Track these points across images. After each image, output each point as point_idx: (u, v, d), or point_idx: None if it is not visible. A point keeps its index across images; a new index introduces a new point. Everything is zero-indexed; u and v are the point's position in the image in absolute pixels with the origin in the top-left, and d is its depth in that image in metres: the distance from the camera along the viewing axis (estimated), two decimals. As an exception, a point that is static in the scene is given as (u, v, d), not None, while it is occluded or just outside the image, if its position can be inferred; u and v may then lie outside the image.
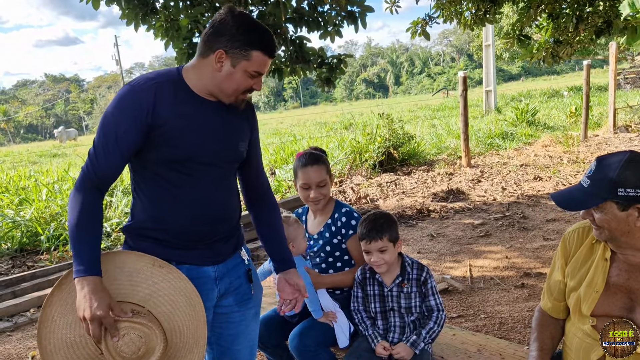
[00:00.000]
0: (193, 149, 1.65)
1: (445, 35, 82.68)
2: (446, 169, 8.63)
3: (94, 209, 1.60)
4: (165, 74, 1.68)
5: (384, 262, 2.21)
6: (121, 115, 1.59)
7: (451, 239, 5.20)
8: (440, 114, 18.96)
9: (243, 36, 1.59)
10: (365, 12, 5.02)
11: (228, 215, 1.80)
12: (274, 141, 12.96)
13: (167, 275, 1.64)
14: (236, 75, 1.63)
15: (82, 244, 1.56)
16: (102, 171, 1.60)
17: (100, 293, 1.51)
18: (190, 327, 1.63)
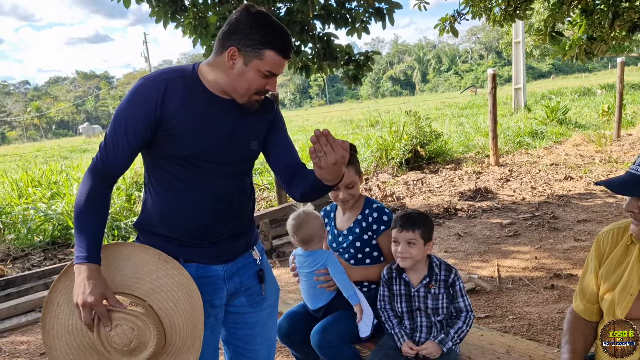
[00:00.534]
0: (199, 147, 1.63)
1: (473, 32, 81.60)
2: (474, 168, 8.52)
3: (99, 200, 1.61)
4: (180, 70, 1.67)
5: (410, 256, 2.18)
6: (131, 108, 1.59)
7: (478, 238, 5.13)
8: (468, 111, 18.73)
9: (257, 35, 1.56)
10: (393, 9, 4.99)
11: (236, 214, 1.77)
12: (299, 138, 12.99)
13: (171, 271, 1.63)
14: (248, 74, 1.60)
15: (83, 231, 1.57)
16: (110, 163, 1.61)
17: (95, 280, 1.51)
18: (189, 326, 1.61)
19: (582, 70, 54.73)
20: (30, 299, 4.15)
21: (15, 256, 5.61)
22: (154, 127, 1.60)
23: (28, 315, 3.99)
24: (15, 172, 11.20)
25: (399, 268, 2.27)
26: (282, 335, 2.47)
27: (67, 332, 1.60)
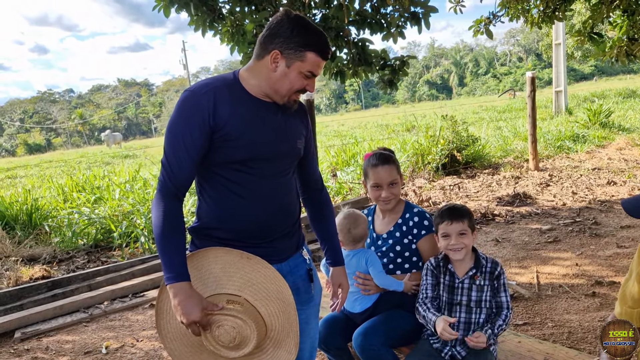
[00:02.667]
0: (252, 149, 1.70)
1: (512, 34, 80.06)
2: (512, 172, 8.36)
3: (175, 218, 1.67)
4: (222, 79, 1.74)
5: (464, 246, 2.21)
6: (186, 122, 1.65)
7: (517, 244, 5.04)
8: (507, 115, 18.38)
9: (298, 37, 1.64)
10: (429, 13, 4.98)
11: (289, 211, 1.84)
12: (335, 143, 13.01)
13: (256, 266, 1.72)
14: (290, 75, 1.68)
15: (168, 252, 1.64)
16: (177, 179, 1.67)
17: (191, 299, 1.62)
18: (284, 312, 1.72)
19: (627, 71, 52.96)
20: (75, 299, 4.30)
21: (60, 258, 5.81)
22: (209, 135, 1.66)
23: (73, 316, 4.14)
24: (61, 178, 11.61)
25: (445, 258, 2.30)
26: (319, 341, 2.48)
27: (180, 334, 1.77)
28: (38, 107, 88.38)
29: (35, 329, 3.90)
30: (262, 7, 5.21)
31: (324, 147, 11.96)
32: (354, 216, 2.45)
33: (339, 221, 2.42)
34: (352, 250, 2.45)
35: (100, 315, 4.15)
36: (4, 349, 3.67)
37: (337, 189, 7.77)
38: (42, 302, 4.33)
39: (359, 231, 2.43)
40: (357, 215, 2.46)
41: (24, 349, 3.66)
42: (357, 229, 2.42)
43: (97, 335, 3.81)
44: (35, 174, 16.51)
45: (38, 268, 5.32)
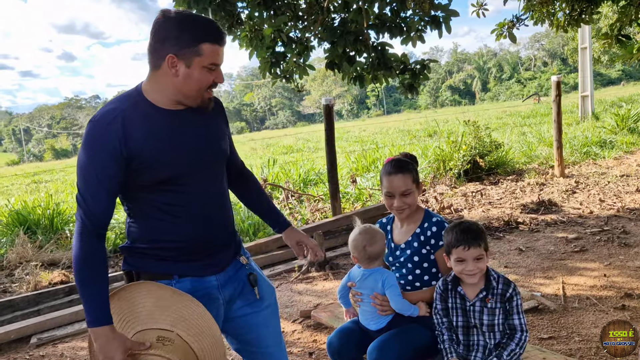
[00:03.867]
0: (177, 164, 1.65)
1: (536, 38, 78.96)
2: (537, 179, 8.16)
3: (95, 258, 1.60)
4: (126, 99, 1.65)
5: (479, 270, 2.09)
6: (95, 156, 1.57)
7: (542, 253, 4.88)
8: (531, 120, 18.06)
9: (187, 34, 1.57)
10: (450, 17, 4.86)
11: (226, 223, 1.83)
12: (355, 149, 12.92)
13: (187, 303, 1.67)
14: (194, 74, 1.60)
15: (88, 294, 1.58)
16: (96, 217, 1.59)
17: (112, 342, 1.56)
18: (216, 350, 1.69)
19: (656, 76, 51.78)
20: (91, 305, 4.28)
21: (80, 263, 5.83)
22: (124, 164, 1.58)
23: (89, 322, 4.12)
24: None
25: (455, 280, 2.18)
26: (332, 352, 2.40)
27: None
28: (65, 113, 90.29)
29: (51, 335, 3.89)
30: (281, 11, 5.18)
31: (344, 153, 11.88)
32: (370, 232, 2.31)
33: (354, 237, 2.32)
34: (368, 269, 2.32)
35: (115, 321, 4.13)
36: (19, 355, 3.67)
37: (357, 195, 7.67)
38: (59, 307, 4.32)
39: (375, 249, 2.29)
40: (374, 231, 2.32)
41: (39, 355, 3.65)
42: (373, 246, 2.28)
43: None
44: (60, 178, 16.79)
45: (57, 273, 5.34)
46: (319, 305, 4.02)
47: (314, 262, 4.90)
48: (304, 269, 4.88)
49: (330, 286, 4.52)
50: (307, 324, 3.78)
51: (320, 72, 51.19)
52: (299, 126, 59.58)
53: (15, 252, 5.84)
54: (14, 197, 10.20)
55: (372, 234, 2.31)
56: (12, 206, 7.47)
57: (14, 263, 5.76)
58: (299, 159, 11.98)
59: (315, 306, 4.03)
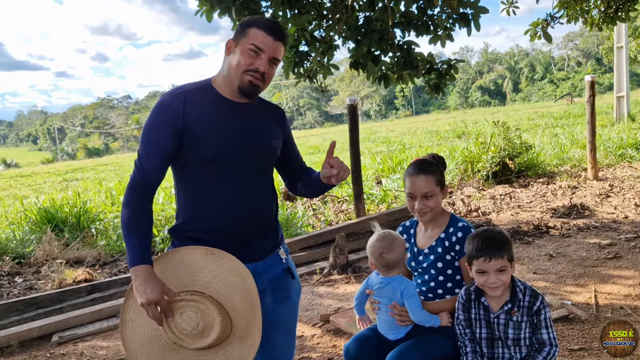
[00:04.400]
0: (221, 147, 1.78)
1: (570, 38, 77.21)
2: (569, 182, 7.90)
3: (141, 209, 1.77)
4: (195, 84, 1.88)
5: (502, 283, 1.97)
6: (156, 123, 1.78)
7: (573, 259, 4.69)
8: (564, 122, 17.61)
9: (243, 24, 1.81)
10: (479, 14, 4.73)
11: (262, 213, 1.90)
12: (382, 150, 12.79)
13: (220, 261, 1.77)
14: (237, 53, 1.78)
15: (131, 238, 1.73)
16: (146, 175, 1.78)
17: (151, 279, 1.68)
18: (248, 304, 1.75)
19: (696, 76, 50.02)
20: (112, 304, 4.28)
21: (104, 261, 5.87)
22: (178, 135, 1.76)
23: (110, 321, 4.12)
24: (112, 181, 11.91)
25: (478, 290, 2.06)
26: (349, 359, 2.32)
27: (145, 341, 1.79)
28: (98, 112, 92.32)
29: (72, 333, 3.90)
30: (305, 10, 5.11)
31: (371, 154, 11.76)
32: (389, 239, 2.19)
33: (372, 243, 2.22)
34: (386, 277, 2.22)
35: (136, 321, 4.12)
36: (40, 353, 3.68)
37: (382, 196, 7.56)
38: (81, 305, 4.34)
39: (392, 256, 2.17)
40: (393, 237, 2.21)
41: (60, 353, 3.66)
42: (391, 253, 2.17)
43: (131, 342, 3.76)
44: (90, 177, 17.10)
45: (81, 271, 5.38)
46: (339, 310, 3.94)
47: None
48: (326, 271, 4.81)
49: (352, 290, 4.44)
50: (327, 328, 3.70)
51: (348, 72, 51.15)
52: (327, 126, 59.56)
53: (42, 250, 5.92)
54: (45, 195, 10.41)
55: (391, 240, 2.20)
56: (42, 204, 7.59)
57: (41, 260, 5.83)
58: (324, 160, 11.90)
59: (336, 310, 3.95)
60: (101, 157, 44.31)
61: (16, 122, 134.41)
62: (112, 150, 66.25)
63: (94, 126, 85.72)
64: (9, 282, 5.33)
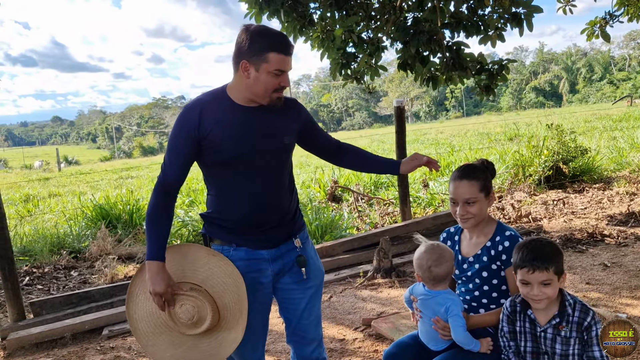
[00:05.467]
0: (236, 150, 1.98)
1: (632, 36, 73.76)
2: (627, 188, 7.54)
3: (162, 210, 2.03)
4: (211, 94, 2.05)
5: (546, 297, 1.89)
6: (177, 133, 2.01)
7: (630, 270, 4.47)
8: (624, 124, 16.83)
9: (257, 44, 1.90)
10: (532, 14, 4.58)
11: (278, 207, 2.11)
12: (431, 152, 12.60)
13: (219, 262, 2.05)
14: (261, 78, 1.93)
15: (150, 235, 1.99)
16: (168, 179, 2.03)
17: (161, 275, 1.97)
18: (237, 303, 2.02)
19: None
20: (160, 300, 4.40)
21: (154, 258, 6.04)
22: (197, 143, 1.98)
23: (157, 316, 4.23)
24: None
25: (524, 302, 1.99)
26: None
27: (146, 315, 2.10)
28: (153, 112, 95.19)
29: (121, 328, 4.03)
30: (353, 11, 5.09)
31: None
32: (438, 251, 2.12)
33: (419, 255, 2.15)
34: (432, 290, 2.15)
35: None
36: (91, 345, 3.82)
37: (429, 200, 7.44)
38: (131, 301, 4.48)
39: (441, 270, 2.10)
40: (442, 250, 2.14)
41: (109, 346, 3.79)
42: (440, 267, 2.10)
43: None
44: (144, 175, 17.63)
45: (132, 266, 5.56)
46: (382, 314, 3.90)
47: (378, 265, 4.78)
48: (370, 274, 4.77)
49: (395, 294, 4.39)
50: (368, 332, 3.67)
51: (397, 73, 50.93)
52: (375, 127, 59.23)
53: (96, 245, 6.15)
54: (100, 192, 10.82)
55: (440, 253, 2.13)
56: (97, 201, 7.89)
57: (95, 255, 6.06)
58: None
59: (379, 315, 3.91)
60: (155, 155, 45.68)
61: (77, 121, 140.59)
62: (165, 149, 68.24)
63: (149, 125, 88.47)
64: (65, 276, 5.57)
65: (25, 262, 5.93)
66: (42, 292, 5.12)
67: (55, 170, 26.25)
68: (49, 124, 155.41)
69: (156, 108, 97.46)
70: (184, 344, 2.06)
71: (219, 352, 2.06)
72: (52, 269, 5.73)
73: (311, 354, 2.32)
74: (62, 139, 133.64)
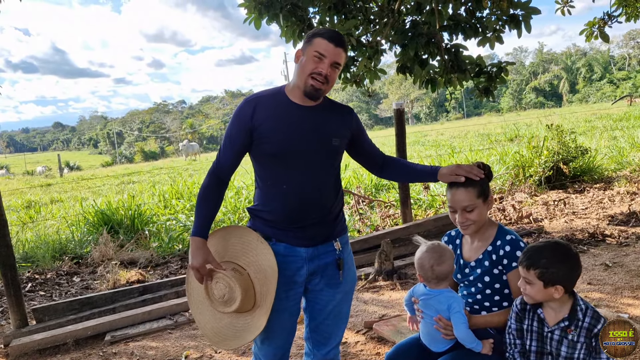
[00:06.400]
0: (284, 144, 2.07)
1: (631, 36, 73.71)
2: (628, 188, 7.54)
3: (211, 192, 2.15)
4: (271, 90, 2.18)
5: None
6: (233, 122, 2.14)
7: (631, 270, 4.47)
8: (624, 124, 16.82)
9: (310, 34, 2.08)
10: (530, 15, 4.60)
11: (319, 203, 2.15)
12: (431, 153, 12.61)
13: (264, 250, 2.11)
14: (304, 60, 2.06)
15: (198, 214, 2.12)
16: (221, 164, 2.16)
17: (200, 250, 2.08)
18: (270, 294, 2.08)
19: None
20: (162, 305, 4.41)
21: (157, 263, 6.05)
22: (249, 133, 2.10)
23: (159, 322, 4.24)
24: (166, 184, 12.26)
25: None
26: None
27: (197, 286, 2.22)
28: (154, 117, 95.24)
29: (124, 333, 4.04)
30: (352, 15, 5.11)
31: (419, 158, 11.62)
32: (439, 251, 2.15)
33: (421, 255, 2.17)
34: (434, 289, 2.17)
35: (184, 323, 4.22)
36: (94, 352, 3.83)
37: (430, 201, 7.45)
38: (133, 306, 4.49)
39: (443, 268, 2.13)
40: (443, 249, 2.17)
41: (112, 352, 3.79)
42: (441, 265, 2.12)
43: (179, 343, 3.86)
44: (145, 180, 17.64)
45: (134, 272, 5.57)
46: (384, 316, 3.91)
47: (381, 271, 4.79)
48: (371, 277, 4.78)
49: (397, 297, 4.39)
50: (370, 335, 3.68)
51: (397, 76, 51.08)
52: (376, 129, 59.21)
53: (98, 251, 6.16)
54: (102, 197, 10.83)
55: (441, 252, 2.15)
56: (99, 206, 7.90)
57: (97, 261, 6.07)
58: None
59: (381, 317, 3.92)
60: (157, 160, 45.71)
61: (78, 126, 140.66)
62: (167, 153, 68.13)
63: (150, 130, 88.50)
64: (68, 282, 5.58)
65: (28, 269, 5.95)
66: (45, 298, 5.13)
67: (57, 176, 26.29)
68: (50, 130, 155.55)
69: (157, 113, 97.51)
70: (223, 320, 2.17)
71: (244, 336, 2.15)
72: (55, 275, 5.74)
73: (327, 354, 2.35)
74: (63, 145, 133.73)
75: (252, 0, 4.88)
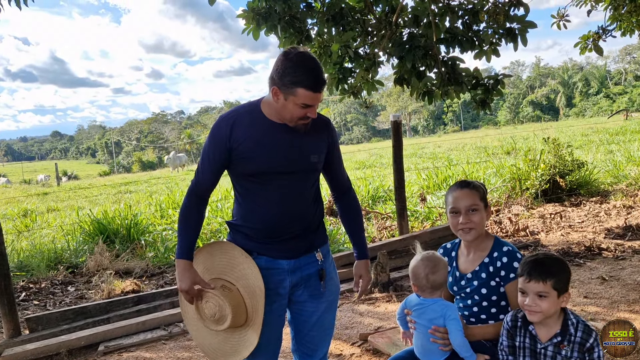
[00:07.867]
0: (263, 163, 2.06)
1: (627, 51, 74.32)
2: (624, 201, 7.56)
3: (192, 211, 2.14)
4: (247, 106, 2.14)
5: (540, 310, 1.89)
6: (210, 142, 2.11)
7: (628, 283, 4.47)
8: (620, 138, 16.90)
9: (288, 77, 1.94)
10: (526, 29, 4.64)
11: (298, 217, 2.15)
12: (428, 166, 12.63)
13: (250, 264, 2.12)
14: (289, 107, 1.99)
15: (181, 235, 2.11)
16: (200, 184, 2.14)
17: (186, 272, 2.08)
18: (260, 308, 2.08)
19: None
20: (157, 316, 4.38)
21: (152, 273, 6.02)
22: (227, 152, 2.07)
23: (154, 332, 4.21)
24: (163, 194, 12.24)
25: (526, 317, 1.98)
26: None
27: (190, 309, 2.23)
28: (152, 127, 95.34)
29: (118, 344, 4.01)
30: (350, 27, 5.15)
31: (417, 170, 11.64)
32: (433, 260, 2.16)
33: (415, 264, 2.17)
34: (427, 299, 2.17)
35: (178, 333, 4.19)
36: (87, 362, 3.80)
37: (426, 213, 7.44)
38: (127, 316, 4.46)
39: (437, 277, 2.13)
40: (437, 259, 2.17)
41: (105, 362, 3.76)
42: (435, 274, 2.12)
43: (173, 354, 3.83)
44: (142, 189, 17.61)
45: (129, 282, 5.53)
46: (379, 329, 3.89)
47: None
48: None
49: (392, 308, 4.37)
50: (366, 347, 3.65)
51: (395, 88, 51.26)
52: (374, 141, 59.35)
53: (93, 260, 6.13)
54: (99, 206, 10.80)
55: (435, 261, 2.16)
56: (95, 216, 7.87)
57: (92, 270, 6.04)
58: (369, 175, 11.87)
59: (376, 329, 3.90)
60: (154, 170, 45.70)
61: (77, 136, 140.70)
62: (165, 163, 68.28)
63: (148, 140, 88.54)
64: (62, 291, 5.55)
65: (22, 278, 5.91)
66: (39, 307, 5.09)
67: (54, 185, 26.23)
68: (48, 139, 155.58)
69: (155, 123, 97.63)
70: (218, 336, 2.18)
71: (240, 351, 2.15)
72: (49, 284, 5.70)
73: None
74: (61, 154, 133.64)
75: (251, 11, 4.91)
